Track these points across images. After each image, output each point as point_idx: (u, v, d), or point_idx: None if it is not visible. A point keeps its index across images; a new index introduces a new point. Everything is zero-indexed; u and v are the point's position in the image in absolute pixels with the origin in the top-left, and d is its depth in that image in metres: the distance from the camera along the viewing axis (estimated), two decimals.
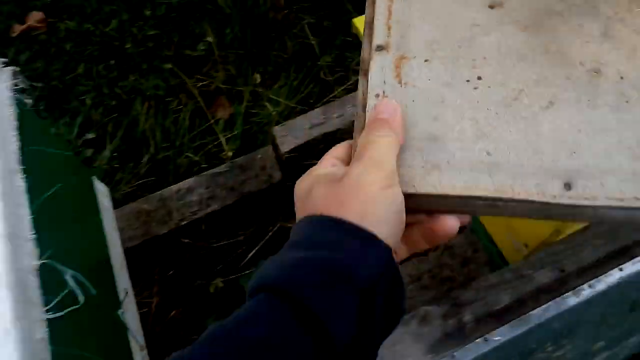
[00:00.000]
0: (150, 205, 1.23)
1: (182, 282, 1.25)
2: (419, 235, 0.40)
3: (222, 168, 1.27)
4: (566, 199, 0.39)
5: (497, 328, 0.74)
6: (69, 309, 0.74)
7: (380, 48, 0.45)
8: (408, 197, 0.39)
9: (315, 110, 1.30)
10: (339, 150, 0.42)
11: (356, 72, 1.45)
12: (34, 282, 0.70)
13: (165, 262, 1.25)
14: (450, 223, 0.39)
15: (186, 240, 1.23)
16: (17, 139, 0.81)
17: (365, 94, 0.44)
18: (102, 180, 1.39)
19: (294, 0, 1.67)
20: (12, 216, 0.72)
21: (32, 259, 0.72)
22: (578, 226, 0.80)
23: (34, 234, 0.74)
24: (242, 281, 1.22)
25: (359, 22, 1.38)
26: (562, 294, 0.75)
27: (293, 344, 0.31)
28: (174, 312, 1.18)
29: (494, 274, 0.80)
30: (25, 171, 0.78)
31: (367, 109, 0.42)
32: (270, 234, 1.25)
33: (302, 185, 0.40)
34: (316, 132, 1.26)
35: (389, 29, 0.46)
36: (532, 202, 0.39)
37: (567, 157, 0.40)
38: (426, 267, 1.07)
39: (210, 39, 1.61)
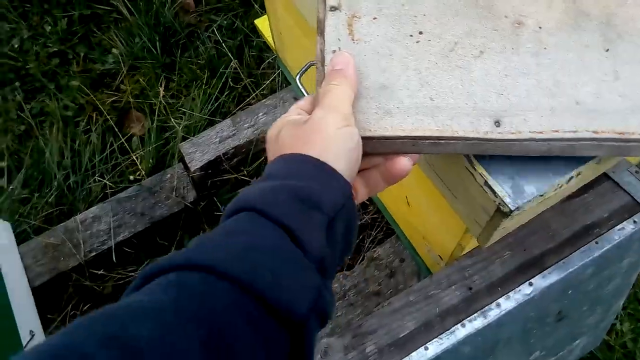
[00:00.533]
0: (56, 239, 1.09)
1: None
2: (378, 176, 0.44)
3: (129, 192, 1.14)
4: (496, 134, 0.43)
5: (402, 359, 0.65)
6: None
7: (333, 9, 0.48)
8: (365, 140, 0.42)
9: (226, 121, 1.18)
10: (303, 102, 0.45)
11: (266, 76, 1.32)
12: None
13: (79, 296, 1.11)
14: (404, 162, 0.43)
15: (99, 272, 1.10)
16: None
17: (323, 51, 0.46)
18: (12, 213, 1.24)
19: (205, 1, 1.52)
20: None
21: None
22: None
23: None
24: None
25: (261, 23, 1.25)
26: (470, 315, 0.66)
27: (280, 248, 0.32)
28: None
29: (399, 297, 0.70)
30: None
31: (325, 64, 0.45)
32: None
33: (272, 131, 0.43)
34: (227, 146, 1.13)
35: None
36: (468, 138, 0.43)
37: (496, 99, 0.44)
38: (351, 282, 0.97)
39: (117, 50, 1.46)
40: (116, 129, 1.32)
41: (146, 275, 0.31)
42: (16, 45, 1.51)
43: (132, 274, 1.12)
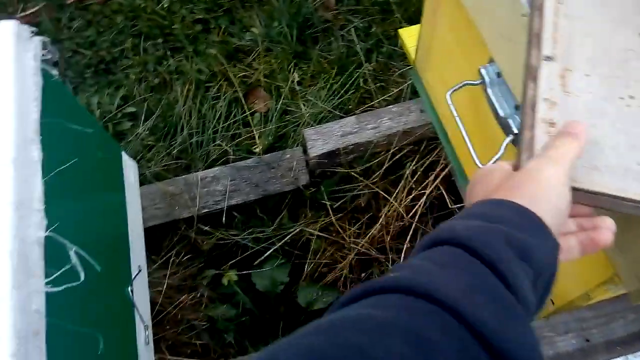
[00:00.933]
0: (176, 188, 1.16)
1: (196, 268, 1.18)
2: (574, 243, 0.43)
3: (249, 162, 1.19)
4: None
5: None
6: (68, 285, 0.68)
7: (548, 58, 0.49)
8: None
9: (350, 117, 1.21)
10: (504, 163, 0.45)
11: (397, 84, 1.34)
12: (37, 253, 0.65)
13: (183, 245, 1.17)
14: (608, 234, 0.42)
15: (205, 228, 1.16)
16: (38, 109, 0.75)
17: (534, 97, 0.47)
18: (134, 156, 1.32)
19: (345, 1, 1.55)
20: (23, 185, 0.68)
21: (38, 230, 0.67)
22: (610, 294, 0.69)
23: (44, 205, 0.68)
24: (255, 278, 1.14)
25: (405, 33, 1.27)
26: None
27: (501, 295, 0.31)
28: (184, 296, 1.11)
29: None
30: (42, 142, 0.72)
31: (535, 110, 0.46)
32: (288, 237, 1.16)
33: (479, 172, 0.43)
34: (347, 141, 1.16)
35: (556, 42, 0.49)
36: None
37: None
38: None
39: (256, 30, 1.51)
40: (243, 101, 1.38)
41: (367, 291, 0.31)
42: (165, 6, 1.59)
43: (234, 237, 1.17)
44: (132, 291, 0.96)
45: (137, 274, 1.03)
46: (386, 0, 1.50)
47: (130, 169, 1.13)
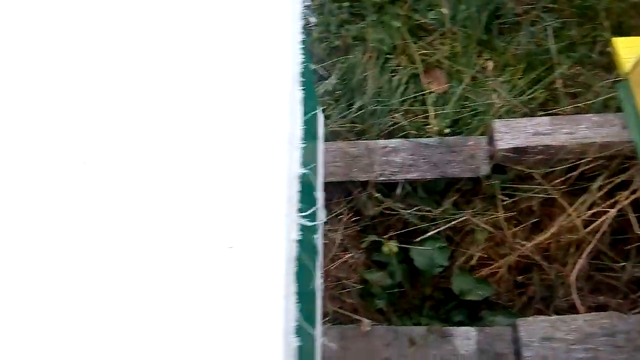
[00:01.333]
0: (357, 151, 1.18)
1: (356, 231, 1.20)
2: None
3: (431, 141, 1.18)
4: None
5: None
6: (318, 222, 0.71)
7: None
8: None
9: (543, 118, 1.17)
10: None
11: (593, 92, 1.27)
12: (296, 188, 0.69)
13: (349, 206, 1.20)
14: None
15: (376, 195, 1.17)
16: (302, 52, 0.78)
17: None
18: None
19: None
20: (292, 122, 0.70)
21: (298, 167, 0.70)
22: None
23: (303, 144, 0.71)
24: (414, 254, 1.15)
25: (622, 43, 1.19)
26: None
27: None
28: (347, 256, 1.14)
29: None
30: (301, 84, 0.75)
31: None
32: (454, 222, 1.15)
33: None
34: (539, 141, 1.13)
35: None
36: None
37: None
38: (624, 327, 0.93)
39: (444, 10, 1.49)
40: (422, 79, 1.37)
41: None
42: None
43: (400, 210, 1.18)
44: (317, 239, 1.00)
45: (320, 224, 1.07)
46: (590, 5, 1.42)
47: (321, 121, 1.16)
